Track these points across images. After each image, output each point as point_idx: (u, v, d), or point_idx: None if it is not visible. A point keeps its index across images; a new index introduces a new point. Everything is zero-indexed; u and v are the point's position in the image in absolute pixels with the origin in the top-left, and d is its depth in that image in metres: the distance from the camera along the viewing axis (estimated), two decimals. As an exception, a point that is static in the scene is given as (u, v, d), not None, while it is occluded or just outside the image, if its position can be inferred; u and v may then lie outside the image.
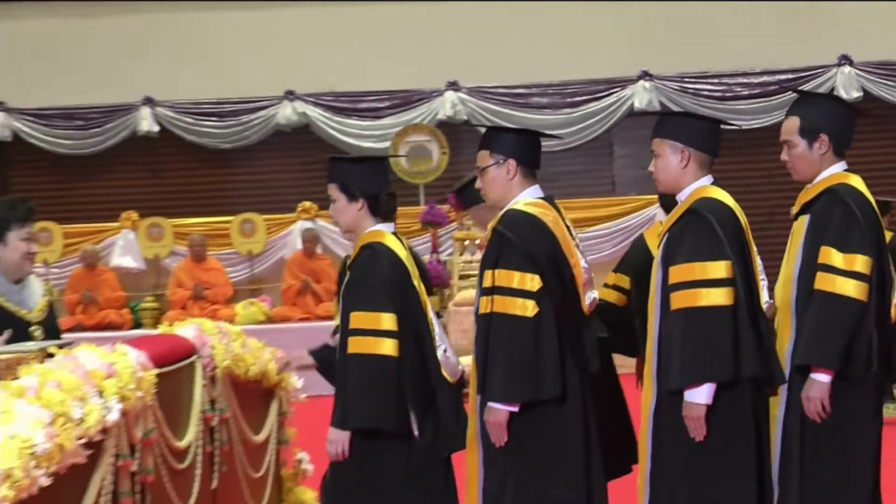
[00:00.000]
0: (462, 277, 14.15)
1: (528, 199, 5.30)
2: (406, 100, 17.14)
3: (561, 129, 16.63)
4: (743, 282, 4.97)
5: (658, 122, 5.36)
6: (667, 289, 5.05)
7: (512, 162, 5.28)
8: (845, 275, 4.93)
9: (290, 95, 17.14)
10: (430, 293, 5.86)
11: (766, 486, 5.13)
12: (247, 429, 6.44)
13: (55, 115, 17.36)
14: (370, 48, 17.08)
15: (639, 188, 16.13)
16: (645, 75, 16.92)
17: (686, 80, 16.99)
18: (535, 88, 17.17)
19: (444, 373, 5.39)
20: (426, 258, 14.82)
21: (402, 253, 5.45)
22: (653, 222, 6.62)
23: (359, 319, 5.28)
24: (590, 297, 5.22)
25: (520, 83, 17.12)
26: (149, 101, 17.24)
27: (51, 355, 4.76)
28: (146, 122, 17.25)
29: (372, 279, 5.35)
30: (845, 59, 16.80)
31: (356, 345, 5.29)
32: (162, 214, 16.21)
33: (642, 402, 5.24)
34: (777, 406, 5.17)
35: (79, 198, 17.11)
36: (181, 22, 17.38)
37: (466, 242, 14.70)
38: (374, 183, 5.54)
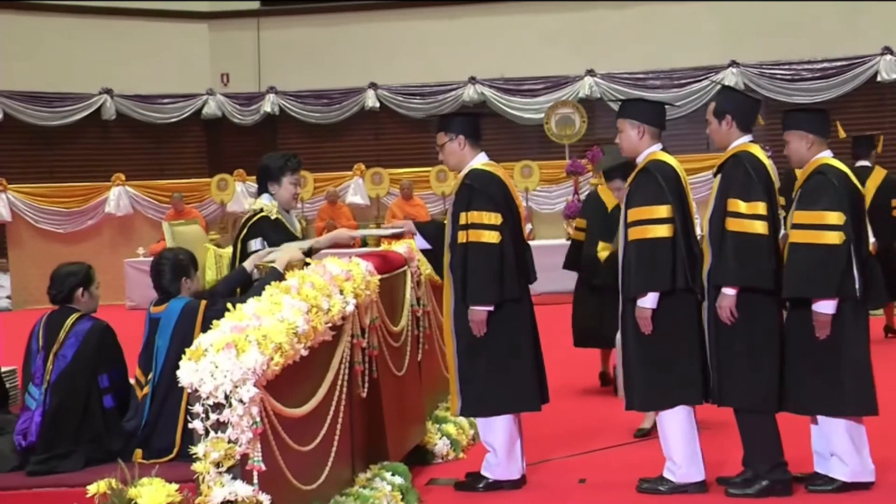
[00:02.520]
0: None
1: (481, 161, 5.32)
2: (556, 83, 16.94)
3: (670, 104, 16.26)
4: (680, 220, 4.97)
5: (620, 106, 5.34)
6: (626, 225, 5.08)
7: (461, 137, 5.36)
8: (751, 217, 4.84)
9: (473, 80, 17.07)
10: None
11: (706, 374, 5.02)
12: (442, 319, 6.46)
13: (308, 95, 17.61)
14: (530, 45, 16.92)
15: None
16: (732, 63, 16.43)
17: (763, 66, 16.45)
18: (650, 73, 16.81)
19: None
20: (569, 198, 14.69)
21: None
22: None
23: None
24: (527, 228, 5.22)
25: (639, 70, 16.78)
26: (373, 85, 17.37)
27: (307, 264, 4.84)
28: (370, 100, 17.37)
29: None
30: (887, 50, 16.08)
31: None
32: (381, 166, 16.34)
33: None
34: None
35: (324, 154, 17.34)
36: (395, 26, 17.42)
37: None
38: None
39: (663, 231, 4.94)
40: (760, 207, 4.84)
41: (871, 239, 4.97)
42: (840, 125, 5.70)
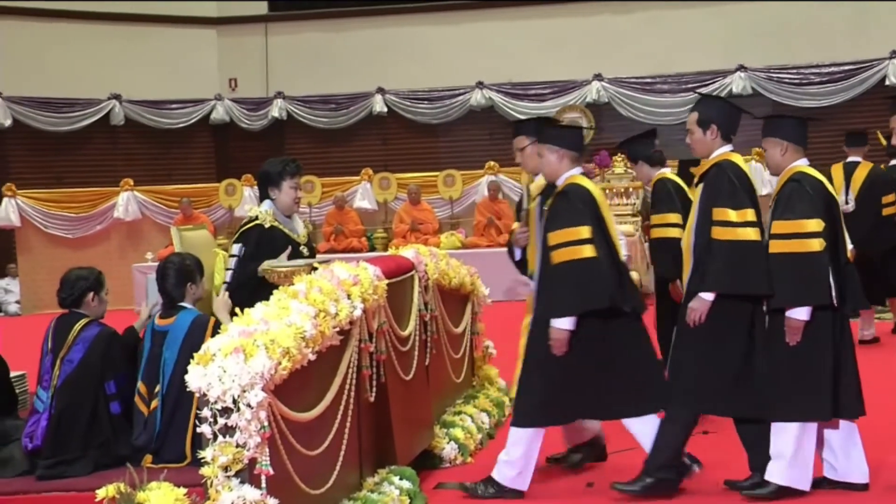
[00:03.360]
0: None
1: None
2: (563, 87, 16.93)
3: (677, 108, 16.27)
4: (601, 240, 4.96)
5: (542, 133, 5.34)
6: (546, 249, 5.04)
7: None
8: (743, 225, 4.82)
9: (480, 85, 17.07)
10: None
11: (603, 402, 5.05)
12: (449, 323, 6.47)
13: (316, 100, 17.63)
14: (537, 49, 16.92)
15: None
16: (740, 68, 16.40)
17: (771, 70, 16.41)
18: (658, 78, 16.77)
19: None
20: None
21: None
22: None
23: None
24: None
25: (646, 74, 16.75)
26: (380, 90, 17.38)
27: (315, 269, 4.85)
28: (378, 105, 17.39)
29: None
30: (894, 54, 16.01)
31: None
32: (389, 170, 16.36)
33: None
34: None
35: (332, 158, 17.37)
36: (403, 31, 17.43)
37: (606, 191, 14.54)
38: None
39: (588, 251, 4.92)
40: (750, 214, 4.84)
41: (849, 245, 4.95)
42: (880, 133, 5.67)
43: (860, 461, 4.95)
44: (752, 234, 4.82)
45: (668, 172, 6.57)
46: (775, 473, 4.87)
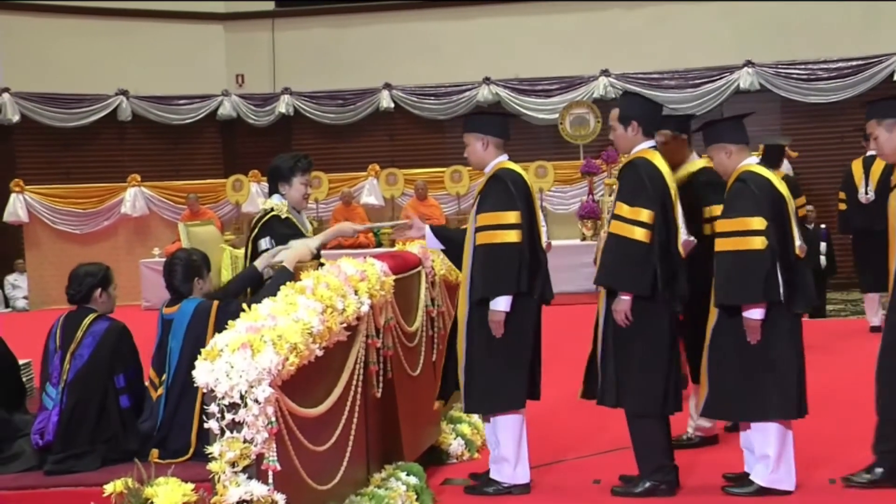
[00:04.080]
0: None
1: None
2: (570, 83, 16.90)
3: (685, 104, 16.25)
4: (527, 226, 5.02)
5: (464, 121, 5.40)
6: (475, 230, 5.10)
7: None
8: (632, 223, 4.87)
9: (487, 81, 17.05)
10: None
11: (536, 380, 5.16)
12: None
13: (322, 96, 17.63)
14: (544, 45, 16.89)
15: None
16: (748, 63, 16.35)
17: (779, 66, 16.34)
18: (665, 73, 16.73)
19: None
20: (584, 199, 14.67)
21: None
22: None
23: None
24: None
25: (654, 70, 16.71)
26: (387, 86, 17.37)
27: (322, 264, 4.85)
28: (385, 101, 17.38)
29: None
30: (903, 49, 16.02)
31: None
32: (396, 166, 16.36)
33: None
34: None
35: (338, 154, 17.36)
36: (410, 27, 17.41)
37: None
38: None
39: (512, 237, 4.99)
40: (644, 214, 4.88)
41: (798, 242, 4.95)
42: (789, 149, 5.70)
43: (790, 465, 4.96)
44: (639, 233, 4.87)
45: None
46: (759, 474, 4.92)
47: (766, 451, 4.89)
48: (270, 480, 3.54)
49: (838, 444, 5.52)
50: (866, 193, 9.48)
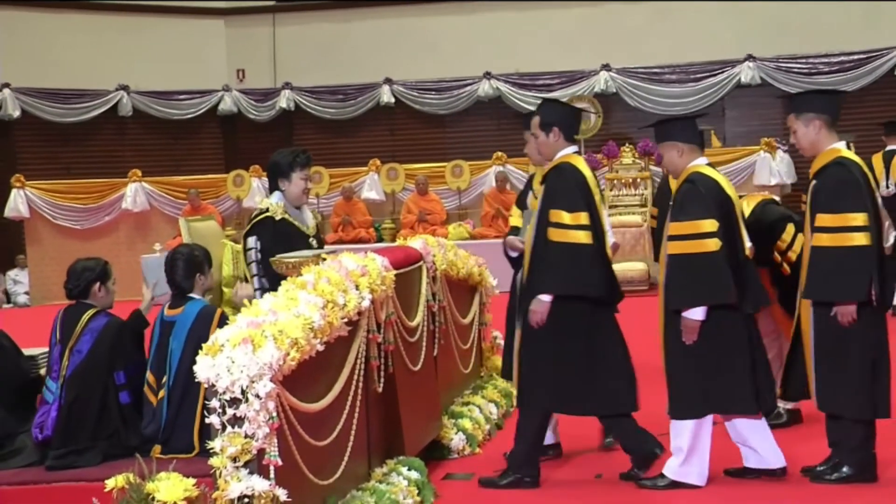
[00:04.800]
0: (611, 206, 13.94)
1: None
2: (571, 77, 16.88)
3: (686, 98, 16.24)
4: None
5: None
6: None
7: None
8: (575, 228, 4.95)
9: (488, 75, 17.03)
10: None
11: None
12: (457, 314, 6.47)
13: (323, 91, 17.62)
14: (545, 40, 16.87)
15: (743, 141, 15.70)
16: (749, 57, 16.32)
17: (780, 60, 16.32)
18: (666, 68, 16.70)
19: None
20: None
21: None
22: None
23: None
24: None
25: (655, 64, 16.68)
26: (388, 81, 17.35)
27: (323, 259, 4.85)
28: (386, 96, 17.36)
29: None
30: (904, 43, 16.01)
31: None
32: (396, 161, 16.35)
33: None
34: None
35: (339, 149, 17.35)
36: (410, 21, 17.39)
37: (615, 182, 14.54)
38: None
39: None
40: (583, 217, 4.96)
41: (748, 244, 4.99)
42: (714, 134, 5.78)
43: (774, 446, 5.02)
44: (583, 236, 4.95)
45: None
46: (671, 468, 4.97)
47: (680, 445, 4.95)
48: (272, 475, 3.54)
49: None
50: (888, 187, 9.59)
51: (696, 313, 4.83)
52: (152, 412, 4.59)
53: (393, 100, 17.35)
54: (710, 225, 4.83)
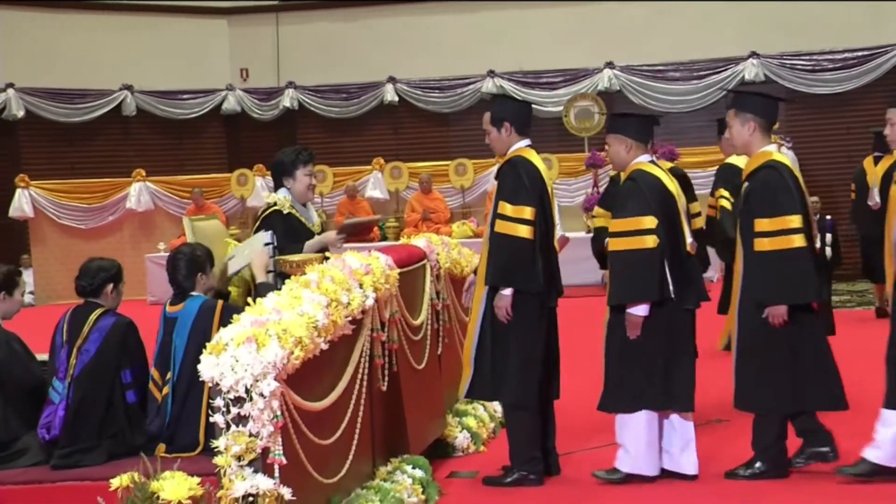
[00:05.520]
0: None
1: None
2: (574, 75, 16.86)
3: (690, 96, 16.22)
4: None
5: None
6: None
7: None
8: (516, 221, 5.02)
9: (492, 73, 17.03)
10: None
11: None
12: (461, 312, 6.47)
13: (327, 90, 17.62)
14: (548, 37, 16.85)
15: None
16: (753, 54, 16.30)
17: (784, 56, 16.29)
18: (669, 65, 16.68)
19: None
20: (588, 191, 14.67)
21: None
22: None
23: None
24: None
25: (658, 61, 16.66)
26: (392, 79, 17.35)
27: (327, 258, 4.85)
28: (389, 94, 17.35)
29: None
30: (908, 39, 15.97)
31: None
32: (400, 160, 16.36)
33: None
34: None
35: (343, 148, 17.35)
36: (414, 20, 17.38)
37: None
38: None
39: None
40: (527, 212, 5.02)
41: (689, 239, 5.04)
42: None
43: (692, 453, 5.06)
44: (523, 230, 5.01)
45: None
46: (624, 462, 5.05)
47: (629, 439, 5.02)
48: (276, 474, 3.55)
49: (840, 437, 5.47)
50: (878, 198, 9.00)
51: (640, 309, 4.90)
52: (157, 408, 4.60)
53: (396, 98, 17.35)
54: (650, 222, 4.91)
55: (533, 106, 5.80)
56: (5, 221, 16.07)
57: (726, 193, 7.22)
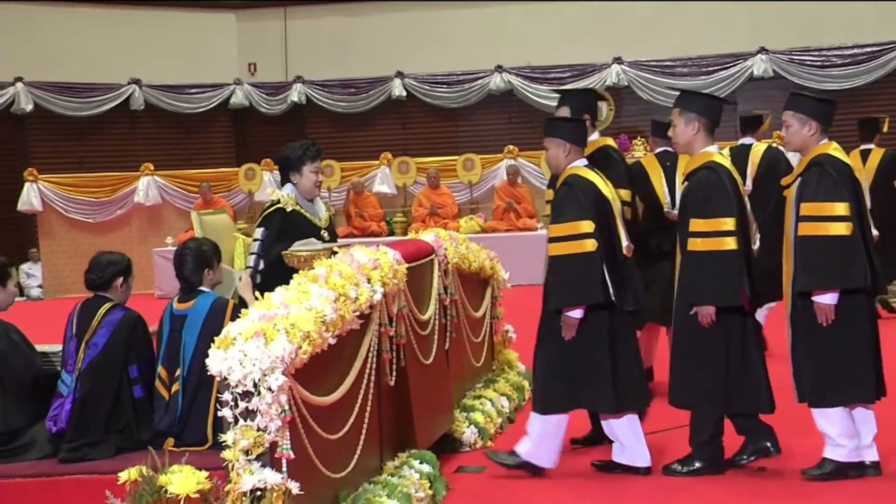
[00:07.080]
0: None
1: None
2: (582, 71, 16.84)
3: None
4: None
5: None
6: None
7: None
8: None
9: (499, 69, 17.00)
10: None
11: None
12: (469, 307, 6.47)
13: (335, 84, 17.61)
14: (557, 33, 16.83)
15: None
16: (762, 50, 16.25)
17: (793, 52, 16.24)
18: (678, 61, 16.65)
19: None
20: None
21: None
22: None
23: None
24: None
25: (667, 57, 16.63)
26: (399, 74, 17.34)
27: (335, 253, 4.85)
28: (397, 89, 17.34)
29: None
30: (920, 35, 15.89)
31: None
32: (408, 155, 16.34)
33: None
34: None
35: (351, 143, 17.34)
36: (422, 15, 17.36)
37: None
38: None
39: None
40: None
41: (625, 242, 5.07)
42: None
43: (643, 446, 5.16)
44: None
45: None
46: (524, 449, 5.17)
47: (532, 430, 5.15)
48: (284, 468, 3.55)
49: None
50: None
51: (576, 311, 4.95)
52: (164, 406, 4.60)
53: (404, 93, 17.34)
54: (587, 226, 4.94)
55: (541, 101, 5.75)
56: (14, 215, 16.10)
57: None
